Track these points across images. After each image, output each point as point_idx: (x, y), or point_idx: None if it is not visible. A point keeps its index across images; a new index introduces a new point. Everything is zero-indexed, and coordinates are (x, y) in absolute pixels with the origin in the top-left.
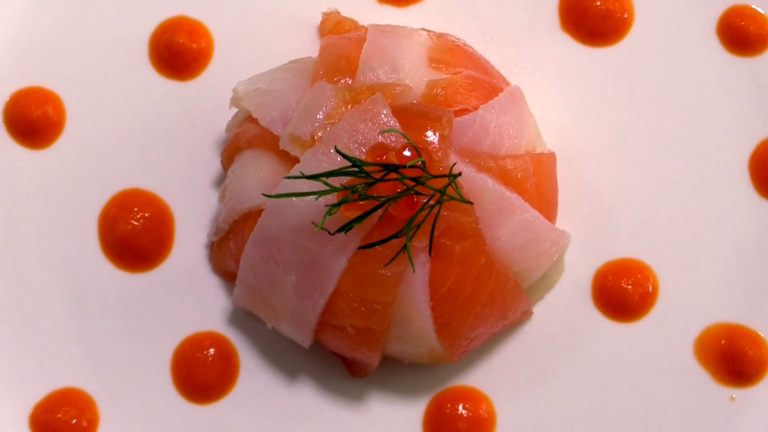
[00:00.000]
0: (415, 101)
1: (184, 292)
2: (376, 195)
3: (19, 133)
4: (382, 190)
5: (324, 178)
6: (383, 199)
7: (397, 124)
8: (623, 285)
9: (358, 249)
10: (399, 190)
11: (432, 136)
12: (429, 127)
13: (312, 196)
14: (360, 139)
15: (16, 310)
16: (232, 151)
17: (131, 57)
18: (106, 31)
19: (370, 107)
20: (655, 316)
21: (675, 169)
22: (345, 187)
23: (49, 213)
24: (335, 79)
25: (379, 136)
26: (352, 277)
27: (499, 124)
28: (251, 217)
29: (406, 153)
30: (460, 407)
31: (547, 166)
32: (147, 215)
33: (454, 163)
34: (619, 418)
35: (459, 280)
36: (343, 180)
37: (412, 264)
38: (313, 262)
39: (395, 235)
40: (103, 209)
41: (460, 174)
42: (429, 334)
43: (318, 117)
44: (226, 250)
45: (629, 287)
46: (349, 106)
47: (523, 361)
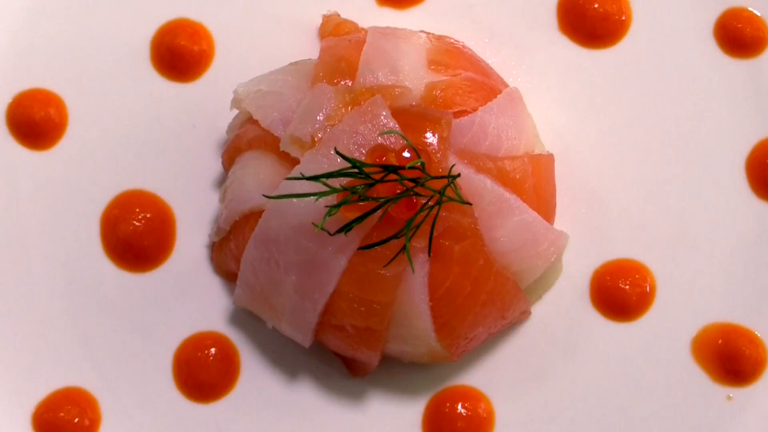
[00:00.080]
0: (414, 103)
1: (186, 292)
2: (375, 196)
3: (21, 134)
4: (382, 191)
5: (324, 179)
6: (383, 200)
7: (396, 126)
8: (621, 285)
9: (358, 249)
10: (398, 191)
11: (431, 138)
12: (428, 129)
13: (312, 197)
14: (360, 141)
15: (20, 309)
16: (233, 152)
17: (133, 59)
18: (109, 33)
19: (369, 109)
20: (653, 316)
21: (672, 171)
22: (345, 188)
23: (52, 214)
24: (335, 80)
25: (379, 138)
26: (352, 277)
27: (498, 125)
28: (252, 217)
29: (406, 154)
30: (459, 406)
31: (545, 167)
32: (148, 216)
33: (453, 165)
34: (616, 418)
35: (458, 280)
36: (343, 181)
37: (411, 264)
38: (314, 263)
39: (395, 236)
40: (105, 210)
41: (459, 175)
42: (428, 334)
43: (318, 118)
44: (227, 250)
45: (627, 287)
46: (349, 108)
47: (521, 361)
